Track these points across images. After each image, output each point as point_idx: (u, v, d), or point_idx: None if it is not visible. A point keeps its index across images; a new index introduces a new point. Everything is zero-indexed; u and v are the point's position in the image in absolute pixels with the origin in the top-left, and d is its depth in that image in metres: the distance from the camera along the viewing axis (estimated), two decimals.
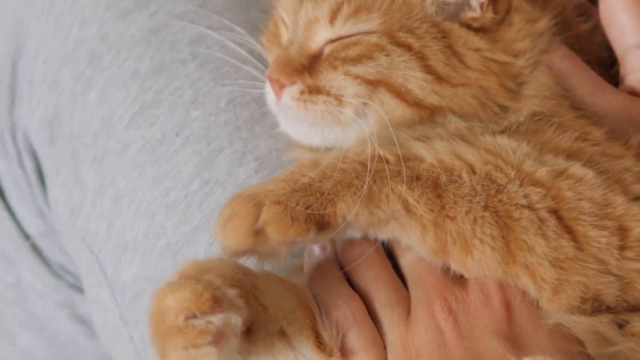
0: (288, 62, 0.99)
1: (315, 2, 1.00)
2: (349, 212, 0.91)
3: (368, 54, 0.98)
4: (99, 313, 1.20)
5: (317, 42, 1.00)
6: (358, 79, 0.98)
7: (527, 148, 0.95)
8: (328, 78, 0.98)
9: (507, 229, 0.91)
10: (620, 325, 0.92)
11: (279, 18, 1.05)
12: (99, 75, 1.17)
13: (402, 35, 0.98)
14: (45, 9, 1.22)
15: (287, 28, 1.04)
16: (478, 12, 0.99)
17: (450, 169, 0.93)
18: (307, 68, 0.99)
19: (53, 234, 1.27)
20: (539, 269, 0.91)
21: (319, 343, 0.94)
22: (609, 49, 1.06)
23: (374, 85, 0.98)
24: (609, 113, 1.00)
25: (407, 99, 0.98)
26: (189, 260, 0.93)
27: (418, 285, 0.95)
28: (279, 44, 1.05)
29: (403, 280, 0.96)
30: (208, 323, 0.86)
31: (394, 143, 0.94)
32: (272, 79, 0.99)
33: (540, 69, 1.00)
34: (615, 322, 0.92)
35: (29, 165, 1.25)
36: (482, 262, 0.92)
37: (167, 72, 1.15)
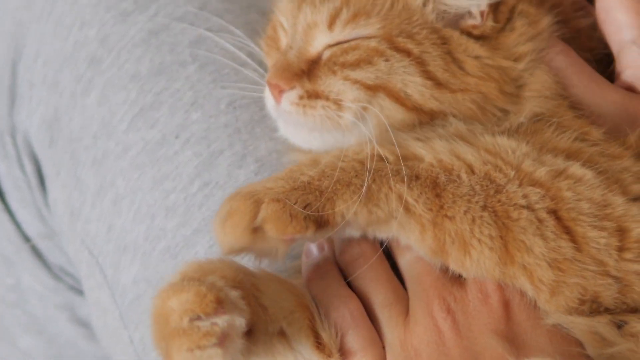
0: (287, 67, 0.99)
1: (314, 7, 1.00)
2: (348, 210, 0.91)
3: (367, 59, 0.98)
4: (99, 315, 1.20)
5: (315, 47, 1.00)
6: (357, 84, 0.98)
7: (526, 148, 0.95)
8: (327, 83, 0.98)
9: (505, 229, 0.91)
10: (619, 326, 0.92)
11: (278, 23, 1.05)
12: (99, 77, 1.17)
13: (401, 41, 0.98)
14: (46, 11, 1.22)
15: (285, 33, 1.04)
16: (478, 20, 0.99)
17: (449, 169, 0.93)
18: (306, 73, 0.99)
19: (53, 236, 1.27)
20: (537, 270, 0.91)
21: (318, 343, 0.94)
22: (607, 46, 1.05)
23: (373, 90, 0.98)
24: (605, 109, 1.00)
25: (406, 104, 0.98)
26: (190, 261, 0.93)
27: (416, 285, 0.95)
28: (278, 49, 1.05)
29: (401, 280, 0.97)
30: (213, 325, 0.86)
31: (393, 142, 0.94)
32: (271, 84, 0.99)
33: (541, 68, 1.00)
34: (614, 322, 0.92)
35: (29, 167, 1.24)
36: (480, 262, 0.92)
37: (167, 74, 1.15)
